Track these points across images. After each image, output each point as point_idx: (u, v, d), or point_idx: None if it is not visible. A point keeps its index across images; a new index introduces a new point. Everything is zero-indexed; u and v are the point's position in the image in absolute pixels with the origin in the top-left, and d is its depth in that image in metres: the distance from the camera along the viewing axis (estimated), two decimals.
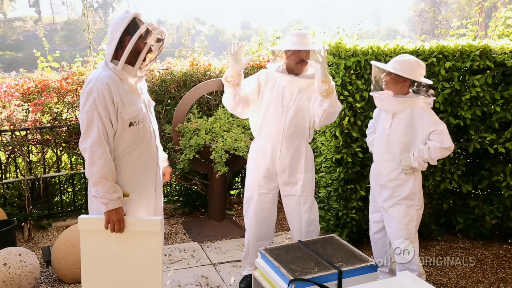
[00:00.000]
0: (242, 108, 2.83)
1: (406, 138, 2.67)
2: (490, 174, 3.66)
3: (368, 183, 3.04)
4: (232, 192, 4.98)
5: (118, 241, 2.18)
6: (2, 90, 4.17)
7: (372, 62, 2.82)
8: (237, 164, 4.07)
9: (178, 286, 3.08)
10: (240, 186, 5.02)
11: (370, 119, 3.08)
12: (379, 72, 2.77)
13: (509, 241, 3.80)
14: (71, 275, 3.09)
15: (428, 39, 4.98)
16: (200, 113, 4.17)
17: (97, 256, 2.21)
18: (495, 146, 3.52)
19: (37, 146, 4.25)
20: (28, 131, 4.07)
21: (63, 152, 4.36)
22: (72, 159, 4.37)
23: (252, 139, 3.83)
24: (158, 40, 2.20)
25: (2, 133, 4.04)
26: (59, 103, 4.29)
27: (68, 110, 4.35)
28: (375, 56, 3.41)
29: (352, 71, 3.42)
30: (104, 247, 2.19)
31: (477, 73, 3.51)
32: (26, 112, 4.23)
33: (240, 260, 3.33)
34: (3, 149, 4.11)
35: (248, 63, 2.65)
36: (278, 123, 2.80)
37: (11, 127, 3.99)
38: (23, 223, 3.93)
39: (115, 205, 2.12)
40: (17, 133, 4.09)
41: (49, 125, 4.17)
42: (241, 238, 3.88)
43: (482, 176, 3.70)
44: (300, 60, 2.74)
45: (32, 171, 4.19)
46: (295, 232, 2.95)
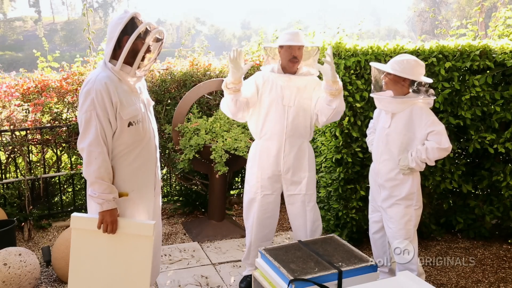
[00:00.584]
0: (243, 113, 2.84)
1: (405, 138, 2.67)
2: (490, 174, 3.66)
3: (368, 183, 3.04)
4: (232, 192, 4.98)
5: (109, 242, 2.18)
6: (2, 90, 4.17)
7: (371, 64, 2.81)
8: (237, 164, 4.07)
9: (178, 286, 3.08)
10: (240, 186, 5.02)
11: (370, 119, 3.08)
12: (379, 73, 2.77)
13: (509, 241, 3.80)
14: None
15: (428, 39, 4.98)
16: (200, 113, 4.17)
17: (86, 255, 2.21)
18: (495, 146, 3.52)
19: (37, 146, 4.25)
20: (28, 131, 4.06)
21: (63, 152, 4.36)
22: (72, 159, 4.37)
23: (252, 139, 3.84)
24: (157, 40, 2.20)
25: (2, 133, 4.04)
26: (59, 103, 4.29)
27: (68, 110, 4.35)
28: (375, 56, 3.41)
29: (352, 71, 3.42)
30: (94, 247, 2.20)
31: (477, 73, 3.51)
32: (26, 112, 4.23)
33: (240, 260, 3.33)
34: (3, 149, 4.11)
35: (248, 69, 2.66)
36: (281, 124, 2.80)
37: (11, 127, 3.99)
38: (23, 223, 3.93)
39: (109, 206, 2.13)
40: (17, 133, 4.09)
41: (49, 125, 4.17)
42: (241, 238, 3.88)
43: (482, 176, 3.70)
44: (292, 57, 2.74)
45: (32, 171, 4.19)
46: (299, 232, 2.95)
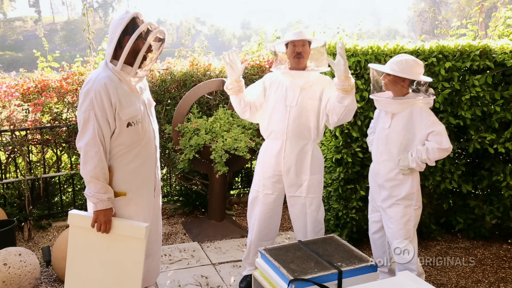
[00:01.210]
0: (251, 113, 2.89)
1: (404, 138, 2.67)
2: (490, 174, 3.66)
3: (368, 183, 3.04)
4: (232, 192, 4.98)
5: (103, 241, 2.21)
6: (2, 90, 4.17)
7: (370, 65, 2.80)
8: (237, 164, 4.07)
9: (178, 286, 3.08)
10: (240, 186, 5.02)
11: (370, 119, 3.08)
12: (378, 74, 2.76)
13: (509, 241, 3.80)
14: None
15: (428, 39, 4.98)
16: (200, 113, 4.17)
17: (82, 252, 2.25)
18: (495, 146, 3.52)
19: (37, 146, 4.25)
20: (28, 131, 4.06)
21: (63, 152, 4.36)
22: (72, 159, 4.37)
23: (252, 139, 3.85)
24: (159, 39, 2.21)
25: (2, 133, 4.04)
26: (59, 103, 4.29)
27: (68, 110, 4.36)
28: (375, 56, 3.40)
29: (352, 71, 3.41)
30: (90, 245, 2.23)
31: (477, 73, 3.51)
32: (26, 112, 4.23)
33: (240, 260, 3.33)
34: (3, 149, 4.11)
35: (244, 68, 2.68)
36: (282, 124, 2.80)
37: (11, 127, 3.99)
38: (23, 223, 3.93)
39: (104, 205, 2.14)
40: (17, 133, 4.09)
41: (49, 125, 4.17)
42: (241, 238, 3.88)
43: (482, 176, 3.70)
44: (296, 53, 2.75)
45: (32, 171, 4.19)
46: (298, 233, 2.94)
